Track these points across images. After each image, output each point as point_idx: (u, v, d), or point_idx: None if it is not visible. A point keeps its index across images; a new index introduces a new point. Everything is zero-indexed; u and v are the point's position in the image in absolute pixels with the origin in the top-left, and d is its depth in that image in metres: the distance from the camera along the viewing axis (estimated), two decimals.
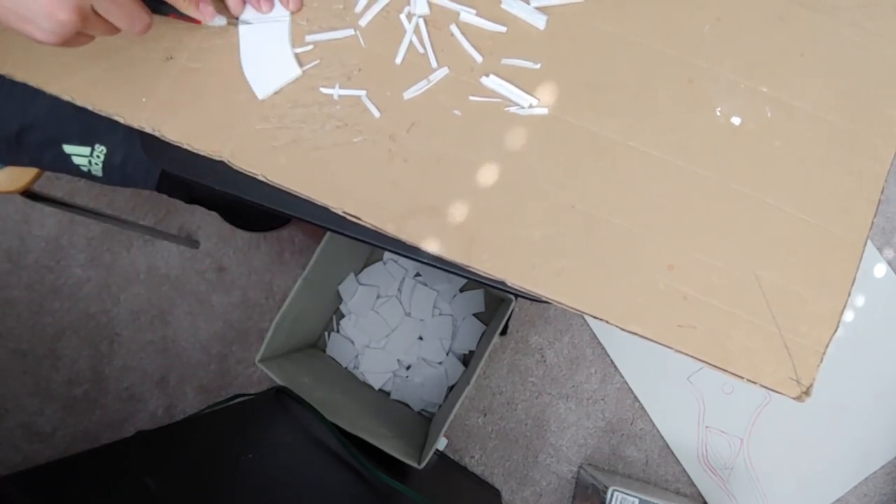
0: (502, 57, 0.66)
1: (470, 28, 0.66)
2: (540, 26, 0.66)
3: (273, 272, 1.72)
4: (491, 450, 1.67)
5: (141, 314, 1.74)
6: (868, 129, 0.63)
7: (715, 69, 0.64)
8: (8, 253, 1.73)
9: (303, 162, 0.66)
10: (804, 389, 0.61)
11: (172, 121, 0.67)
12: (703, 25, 0.65)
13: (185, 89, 0.68)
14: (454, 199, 0.65)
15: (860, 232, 0.63)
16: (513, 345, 1.67)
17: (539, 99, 0.65)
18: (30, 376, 1.74)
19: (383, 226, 0.65)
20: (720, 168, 0.64)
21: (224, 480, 0.85)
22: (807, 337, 0.61)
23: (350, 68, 0.67)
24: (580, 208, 0.64)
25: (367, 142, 0.66)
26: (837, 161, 0.63)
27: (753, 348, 0.61)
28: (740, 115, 0.64)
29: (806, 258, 0.62)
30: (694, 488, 1.63)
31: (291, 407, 1.14)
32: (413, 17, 0.67)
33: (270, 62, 0.67)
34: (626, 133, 0.64)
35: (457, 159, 0.65)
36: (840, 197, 0.63)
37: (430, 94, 0.66)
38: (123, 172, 0.99)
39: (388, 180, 0.66)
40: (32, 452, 1.73)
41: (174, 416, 1.74)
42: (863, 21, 0.65)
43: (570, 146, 0.65)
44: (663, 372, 1.64)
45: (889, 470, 1.61)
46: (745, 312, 0.62)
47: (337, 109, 0.66)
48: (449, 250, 0.65)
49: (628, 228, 0.64)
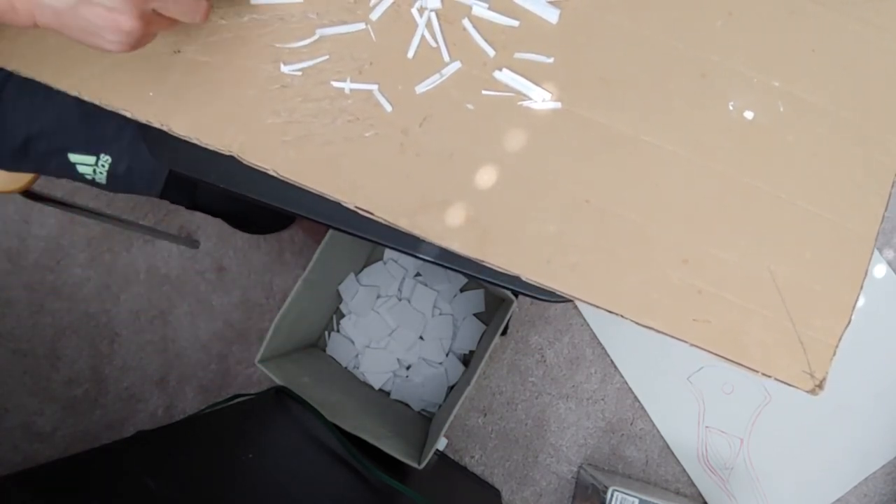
0: (515, 51, 0.66)
1: (482, 22, 0.66)
2: (552, 20, 0.66)
3: (273, 272, 1.72)
4: (491, 450, 1.67)
5: (141, 314, 1.73)
6: (879, 123, 0.64)
7: (727, 64, 0.64)
8: (8, 253, 1.73)
9: (314, 157, 0.66)
10: (818, 383, 0.61)
11: (181, 115, 0.67)
12: (716, 20, 0.65)
13: (193, 83, 0.67)
14: (467, 193, 0.65)
15: (871, 226, 0.63)
16: (513, 345, 1.67)
17: (552, 93, 0.65)
18: (30, 376, 1.73)
19: (396, 221, 0.65)
20: (733, 162, 0.64)
21: (224, 480, 0.84)
22: (820, 330, 0.62)
23: (361, 62, 0.67)
24: (594, 203, 0.64)
25: (379, 136, 0.66)
26: (849, 155, 0.64)
27: (768, 342, 0.62)
28: (753, 110, 0.64)
29: (819, 252, 0.63)
30: (694, 488, 1.63)
31: (291, 407, 1.14)
32: (425, 11, 0.66)
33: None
34: (639, 127, 0.64)
35: (469, 153, 0.65)
36: (852, 191, 0.63)
37: (443, 88, 0.66)
38: (127, 181, 0.99)
39: (401, 175, 0.65)
40: (32, 452, 1.72)
41: (174, 416, 1.73)
42: (872, 16, 0.65)
43: (584, 140, 0.65)
44: (663, 372, 1.64)
45: (889, 470, 1.61)
46: (759, 306, 0.62)
47: (349, 104, 0.66)
48: (462, 245, 0.64)
49: (642, 223, 0.64)
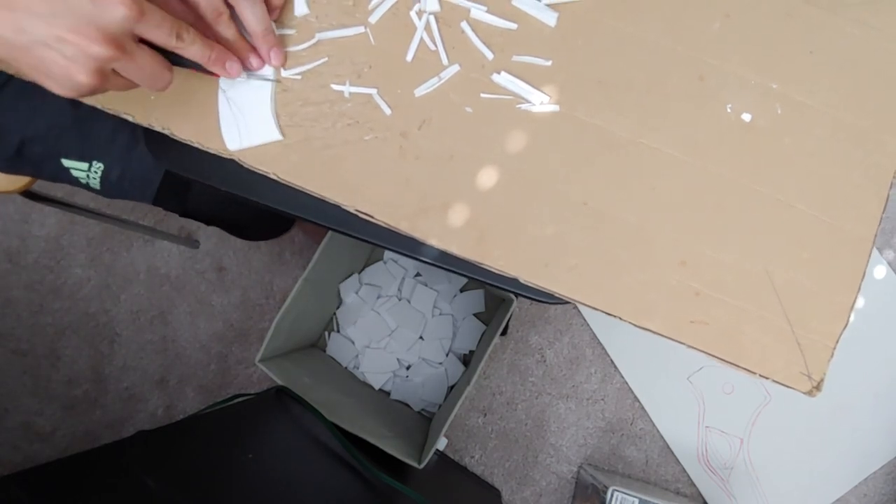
0: (513, 54, 0.66)
1: (481, 25, 0.66)
2: (551, 23, 0.66)
3: (273, 272, 1.72)
4: (491, 450, 1.67)
5: (141, 314, 1.73)
6: (876, 125, 0.64)
7: (725, 66, 0.65)
8: (8, 253, 1.73)
9: (314, 160, 0.66)
10: (815, 384, 0.61)
11: (183, 119, 0.67)
12: (713, 23, 0.65)
13: (194, 88, 0.67)
14: (466, 196, 0.65)
15: (869, 227, 0.63)
16: (513, 345, 1.68)
17: (550, 96, 0.65)
18: (30, 376, 1.73)
19: (396, 223, 0.65)
20: (731, 164, 0.64)
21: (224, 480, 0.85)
22: (818, 332, 0.62)
23: (360, 66, 0.67)
24: (592, 205, 0.64)
25: (379, 139, 0.66)
26: (846, 157, 0.64)
27: (765, 344, 0.62)
28: (750, 112, 0.64)
29: (816, 254, 0.63)
30: (694, 488, 1.63)
31: (291, 407, 1.14)
32: (423, 14, 0.66)
33: (248, 120, 0.66)
34: (636, 130, 0.65)
35: (468, 156, 0.65)
36: (849, 193, 0.63)
37: (442, 91, 0.66)
38: (120, 187, 1.00)
39: (400, 178, 0.66)
40: (32, 452, 1.72)
41: (174, 416, 1.73)
42: (868, 18, 0.65)
43: (582, 143, 0.65)
44: (663, 372, 1.64)
45: (889, 470, 1.61)
46: (756, 308, 0.62)
47: (348, 107, 0.66)
48: (461, 247, 0.65)
49: (640, 225, 0.64)
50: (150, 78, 0.58)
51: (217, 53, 0.61)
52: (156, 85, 0.59)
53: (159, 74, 0.58)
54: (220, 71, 0.62)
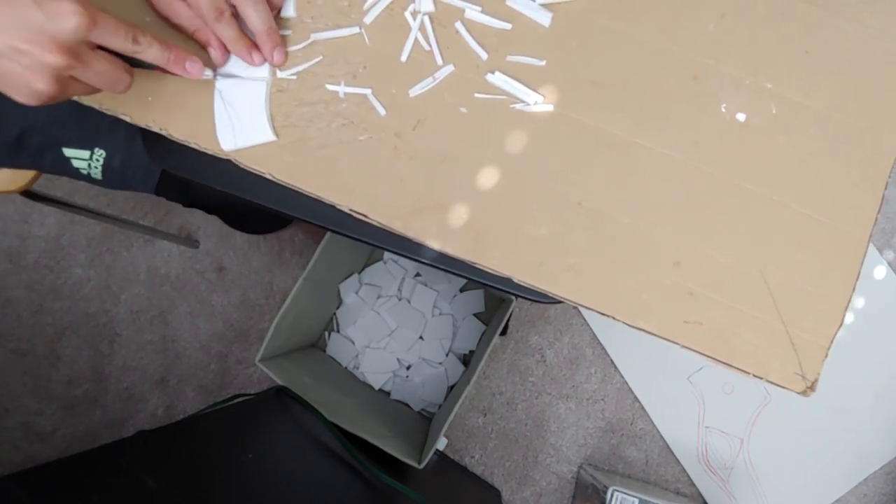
0: (508, 54, 0.66)
1: (475, 25, 0.66)
2: (545, 23, 0.66)
3: (273, 272, 1.72)
4: (491, 450, 1.67)
5: (141, 314, 1.74)
6: (871, 125, 0.64)
7: (719, 66, 0.65)
8: (8, 253, 1.73)
9: (309, 160, 0.66)
10: (809, 384, 0.61)
11: (179, 120, 0.67)
12: (708, 22, 0.65)
13: (191, 88, 0.67)
14: (461, 196, 0.65)
15: (864, 227, 0.63)
16: (513, 345, 1.68)
17: (544, 96, 0.65)
18: (30, 376, 1.73)
19: (390, 223, 0.65)
20: (726, 164, 0.64)
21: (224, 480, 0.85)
22: (812, 332, 0.62)
23: (355, 66, 0.67)
24: (587, 205, 0.64)
25: (374, 140, 0.66)
26: (841, 157, 0.64)
27: (759, 344, 0.62)
28: (745, 112, 0.64)
29: (811, 254, 0.63)
30: (694, 488, 1.63)
31: (291, 407, 1.14)
32: (418, 14, 0.67)
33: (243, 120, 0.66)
34: (631, 130, 0.64)
35: (463, 156, 0.65)
36: (844, 193, 0.63)
37: (436, 91, 0.66)
38: (123, 176, 0.99)
39: (395, 178, 0.66)
40: (32, 452, 1.73)
41: (174, 416, 1.73)
42: (865, 17, 0.65)
43: (576, 143, 0.65)
44: (663, 372, 1.64)
45: (889, 470, 1.61)
46: (750, 308, 0.62)
47: (343, 107, 0.66)
48: (456, 247, 0.65)
49: (635, 225, 0.64)
50: (109, 83, 0.59)
51: (176, 55, 0.61)
52: (115, 88, 0.59)
53: (118, 79, 0.59)
54: (180, 71, 0.63)
